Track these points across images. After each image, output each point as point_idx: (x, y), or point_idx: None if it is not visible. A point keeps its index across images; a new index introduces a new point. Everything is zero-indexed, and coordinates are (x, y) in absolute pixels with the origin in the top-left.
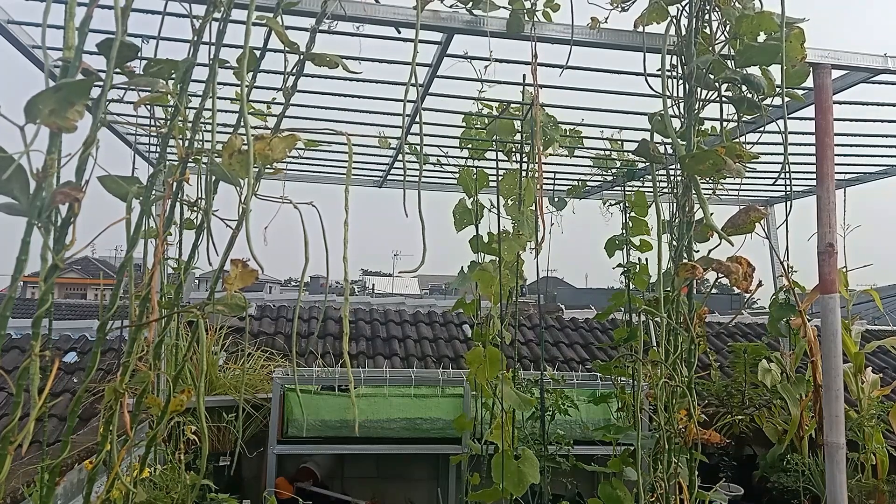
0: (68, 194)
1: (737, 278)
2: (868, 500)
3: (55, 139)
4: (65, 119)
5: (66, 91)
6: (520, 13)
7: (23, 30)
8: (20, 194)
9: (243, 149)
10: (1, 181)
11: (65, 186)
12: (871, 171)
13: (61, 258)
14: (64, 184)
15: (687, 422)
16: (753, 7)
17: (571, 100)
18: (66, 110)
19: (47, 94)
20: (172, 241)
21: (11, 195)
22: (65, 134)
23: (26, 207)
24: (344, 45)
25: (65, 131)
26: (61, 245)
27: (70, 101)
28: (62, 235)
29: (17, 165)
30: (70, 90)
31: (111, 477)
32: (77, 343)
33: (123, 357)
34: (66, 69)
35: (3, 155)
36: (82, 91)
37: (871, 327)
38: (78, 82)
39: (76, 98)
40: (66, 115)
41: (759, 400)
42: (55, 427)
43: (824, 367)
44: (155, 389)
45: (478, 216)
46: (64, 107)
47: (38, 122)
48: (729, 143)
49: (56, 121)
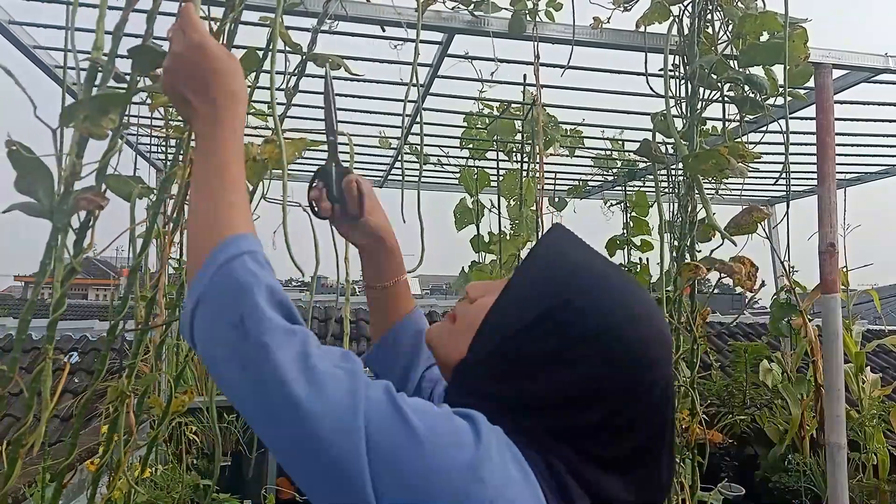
0: (92, 200)
1: (740, 278)
2: (869, 500)
3: (83, 144)
4: (98, 127)
5: (103, 100)
6: (522, 14)
7: (24, 30)
8: (44, 197)
9: (256, 157)
10: (27, 182)
11: (88, 192)
12: (872, 171)
13: (79, 261)
14: (87, 189)
15: (689, 422)
16: (756, 7)
17: (573, 100)
18: (101, 118)
19: (85, 102)
20: (176, 242)
21: (35, 196)
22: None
23: (48, 209)
24: (345, 45)
25: (96, 138)
26: (79, 248)
27: (105, 111)
28: (80, 238)
29: (44, 168)
30: (107, 100)
31: (115, 477)
32: (78, 343)
33: (129, 358)
34: (93, 73)
35: (32, 157)
36: (120, 102)
37: (872, 327)
38: (117, 94)
39: (112, 107)
40: (100, 122)
41: (761, 400)
42: (56, 428)
43: (825, 367)
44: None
45: (478, 216)
46: (99, 115)
47: (70, 126)
48: (732, 143)
49: (90, 127)
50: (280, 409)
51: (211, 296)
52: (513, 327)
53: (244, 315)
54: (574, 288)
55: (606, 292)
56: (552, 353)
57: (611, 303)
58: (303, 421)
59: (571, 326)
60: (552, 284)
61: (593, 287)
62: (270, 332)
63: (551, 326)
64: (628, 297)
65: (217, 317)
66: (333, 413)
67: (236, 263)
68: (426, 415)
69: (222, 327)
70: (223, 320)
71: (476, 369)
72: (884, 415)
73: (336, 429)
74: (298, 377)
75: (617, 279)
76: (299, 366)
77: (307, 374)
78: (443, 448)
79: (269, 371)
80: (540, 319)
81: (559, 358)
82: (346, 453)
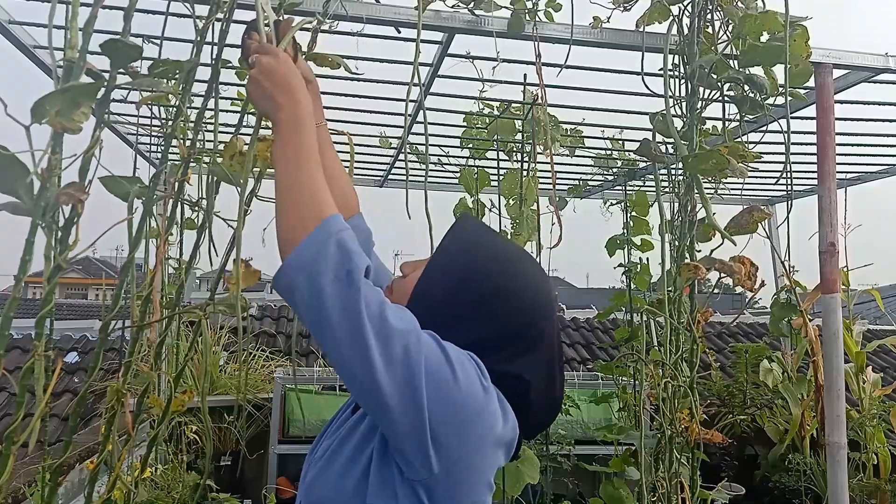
0: (72, 195)
1: (740, 278)
2: (870, 500)
3: (58, 139)
4: (71, 120)
5: (74, 93)
6: (521, 13)
7: (24, 30)
8: (24, 194)
9: (244, 150)
10: (6, 181)
11: (69, 187)
12: (873, 171)
13: (65, 258)
14: (68, 184)
15: (689, 422)
16: (756, 7)
17: (572, 99)
18: (73, 112)
19: (55, 95)
20: (173, 241)
21: (16, 195)
22: (67, 134)
23: (31, 207)
24: (345, 44)
25: (69, 132)
26: (65, 245)
27: (77, 103)
28: (65, 236)
29: (20, 165)
30: (78, 92)
31: (113, 477)
32: (78, 343)
33: (126, 357)
34: (69, 70)
35: (6, 154)
36: (90, 93)
37: (873, 327)
38: (86, 85)
39: (83, 100)
40: (72, 116)
41: (761, 400)
42: (56, 427)
43: (826, 367)
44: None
45: (479, 215)
46: (70, 108)
47: (43, 122)
48: (732, 142)
49: (62, 122)
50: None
51: (326, 256)
52: (438, 293)
53: (350, 270)
54: (480, 260)
55: (506, 264)
56: (471, 310)
57: (509, 271)
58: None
59: (481, 287)
60: (467, 259)
61: (496, 260)
62: (364, 284)
63: (468, 290)
64: (521, 267)
65: (330, 270)
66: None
67: (344, 234)
68: (457, 353)
69: (331, 279)
70: (334, 273)
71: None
72: (884, 415)
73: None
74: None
75: (515, 254)
76: (379, 314)
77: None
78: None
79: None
80: (460, 284)
81: (478, 312)
82: (416, 376)
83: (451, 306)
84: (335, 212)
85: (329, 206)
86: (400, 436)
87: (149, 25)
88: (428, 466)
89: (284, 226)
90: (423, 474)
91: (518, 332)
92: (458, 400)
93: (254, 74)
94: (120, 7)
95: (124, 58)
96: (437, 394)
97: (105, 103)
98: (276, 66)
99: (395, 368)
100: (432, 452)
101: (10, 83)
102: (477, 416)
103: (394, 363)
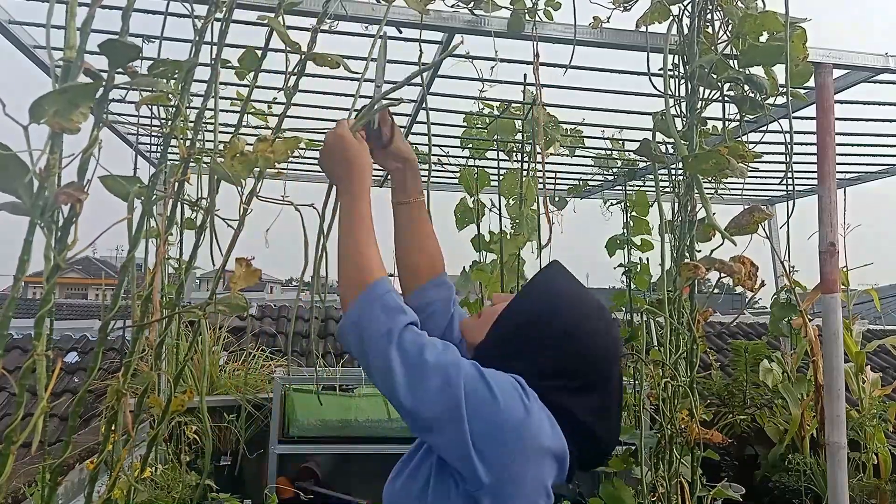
0: (71, 195)
1: (740, 278)
2: (870, 500)
3: (57, 139)
4: (69, 121)
5: (72, 93)
6: (521, 13)
7: (24, 30)
8: (24, 193)
9: (246, 150)
10: (5, 179)
11: (68, 187)
12: (872, 171)
13: (63, 258)
14: (67, 184)
15: (689, 421)
16: (756, 7)
17: (572, 99)
18: (71, 112)
19: (53, 95)
20: (173, 241)
21: (15, 194)
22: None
23: (29, 207)
24: (345, 44)
25: (67, 132)
26: (63, 245)
27: (75, 104)
28: (64, 235)
29: (20, 164)
30: (76, 93)
31: (113, 476)
32: (78, 343)
33: (126, 357)
34: (67, 70)
35: (7, 153)
36: (88, 94)
37: (873, 327)
38: (84, 85)
39: (81, 100)
40: (70, 116)
41: (761, 399)
42: (56, 427)
43: (825, 367)
44: (156, 389)
45: (479, 215)
46: (69, 108)
47: (41, 122)
48: (732, 142)
49: (60, 122)
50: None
51: (371, 315)
52: (511, 326)
53: (391, 328)
54: (555, 304)
55: (574, 310)
56: (537, 343)
57: (577, 319)
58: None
59: (549, 327)
60: (543, 301)
61: (570, 307)
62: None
63: (535, 327)
64: (589, 319)
65: (375, 326)
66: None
67: (388, 297)
68: (498, 378)
69: (376, 334)
70: (378, 330)
71: (489, 350)
72: (884, 414)
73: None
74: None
75: (588, 308)
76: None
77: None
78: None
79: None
80: (531, 320)
81: (541, 346)
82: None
83: (520, 338)
84: (382, 276)
85: (376, 271)
86: (448, 452)
87: (148, 25)
88: (478, 478)
89: (340, 283)
90: (475, 485)
91: (574, 372)
92: (497, 415)
93: (321, 150)
94: (118, 7)
95: (123, 58)
96: (478, 412)
97: (103, 103)
98: (334, 143)
99: (432, 396)
100: (479, 465)
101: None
102: (516, 428)
103: (429, 391)
